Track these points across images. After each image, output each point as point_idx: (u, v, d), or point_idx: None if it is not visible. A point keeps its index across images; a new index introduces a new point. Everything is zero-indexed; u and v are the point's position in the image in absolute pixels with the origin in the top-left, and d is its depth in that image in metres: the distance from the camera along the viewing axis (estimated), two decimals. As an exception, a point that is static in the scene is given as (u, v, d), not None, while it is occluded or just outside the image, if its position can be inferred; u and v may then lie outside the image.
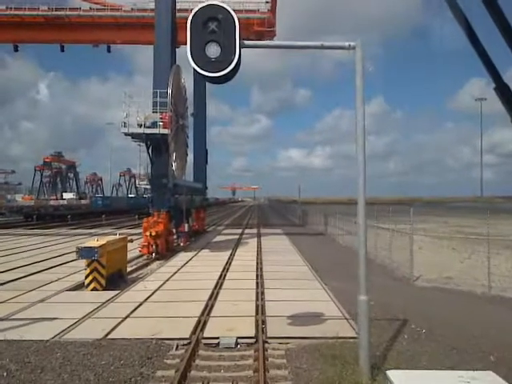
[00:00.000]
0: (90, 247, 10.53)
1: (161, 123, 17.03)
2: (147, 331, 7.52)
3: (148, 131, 17.14)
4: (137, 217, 42.61)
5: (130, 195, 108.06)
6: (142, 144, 18.31)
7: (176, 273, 13.67)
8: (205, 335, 7.36)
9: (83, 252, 10.50)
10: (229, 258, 16.48)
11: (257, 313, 8.71)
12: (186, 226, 20.25)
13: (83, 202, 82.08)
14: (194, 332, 7.50)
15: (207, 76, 5.46)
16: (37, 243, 22.17)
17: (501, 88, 2.25)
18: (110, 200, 70.50)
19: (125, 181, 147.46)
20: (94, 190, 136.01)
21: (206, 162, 30.65)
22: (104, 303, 9.61)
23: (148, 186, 18.55)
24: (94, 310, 8.96)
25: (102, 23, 29.07)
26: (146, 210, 17.72)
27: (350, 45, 5.84)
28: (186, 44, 5.43)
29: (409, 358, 6.22)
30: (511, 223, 29.36)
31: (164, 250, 17.56)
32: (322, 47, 5.84)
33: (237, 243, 22.24)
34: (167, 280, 12.41)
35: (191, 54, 5.42)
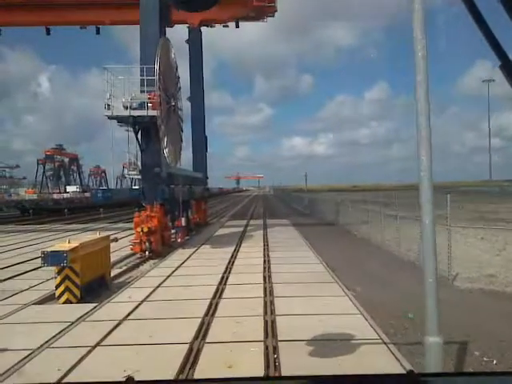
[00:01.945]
0: (58, 251, 8.56)
1: (150, 104, 14.88)
2: (119, 369, 5.53)
3: (135, 113, 15.01)
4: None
5: (134, 187, 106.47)
6: (131, 129, 16.24)
7: (170, 276, 11.72)
8: (196, 376, 5.38)
9: (50, 257, 8.54)
10: (232, 256, 14.50)
11: (266, 335, 6.71)
12: (183, 219, 18.24)
13: (86, 194, 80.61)
14: (181, 369, 5.53)
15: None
16: (23, 241, 20.34)
17: (506, 65, 2.11)
18: (111, 192, 68.61)
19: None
20: (98, 182, 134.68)
21: (206, 149, 28.47)
22: (74, 322, 7.66)
23: (138, 176, 16.53)
24: (57, 334, 7.00)
25: (89, 2, 26.81)
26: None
27: None
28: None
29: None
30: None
31: (159, 247, 15.61)
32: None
33: (241, 237, 20.28)
34: (158, 286, 10.46)
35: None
